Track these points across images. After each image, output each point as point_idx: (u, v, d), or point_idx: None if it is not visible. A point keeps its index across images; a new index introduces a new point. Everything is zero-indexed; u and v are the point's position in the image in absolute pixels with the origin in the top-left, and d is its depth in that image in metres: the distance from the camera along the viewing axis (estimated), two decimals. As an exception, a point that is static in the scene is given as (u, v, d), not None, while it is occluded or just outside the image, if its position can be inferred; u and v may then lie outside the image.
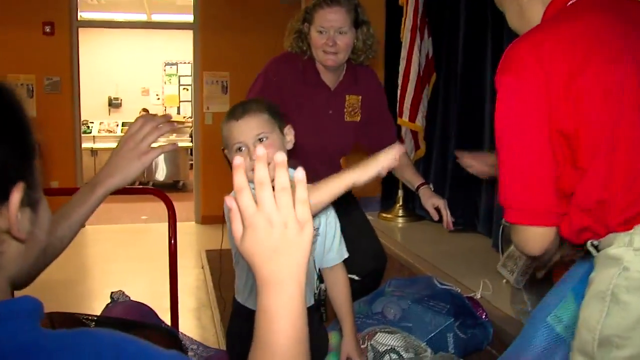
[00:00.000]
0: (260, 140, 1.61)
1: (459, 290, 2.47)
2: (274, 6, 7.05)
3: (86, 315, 2.07)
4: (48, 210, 0.85)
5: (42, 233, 0.82)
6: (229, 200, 0.80)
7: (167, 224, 2.61)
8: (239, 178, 0.78)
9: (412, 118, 4.07)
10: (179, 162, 9.32)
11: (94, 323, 2.04)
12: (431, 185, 2.45)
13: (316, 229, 1.73)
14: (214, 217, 6.84)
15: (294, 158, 2.21)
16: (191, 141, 8.48)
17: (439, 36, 4.14)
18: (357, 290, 2.44)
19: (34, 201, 0.78)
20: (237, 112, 1.65)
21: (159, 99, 11.72)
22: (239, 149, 1.62)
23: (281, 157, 0.77)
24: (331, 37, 2.20)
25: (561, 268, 2.40)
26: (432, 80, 4.17)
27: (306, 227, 0.79)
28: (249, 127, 1.62)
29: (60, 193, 2.59)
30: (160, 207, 6.97)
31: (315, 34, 2.24)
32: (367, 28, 2.32)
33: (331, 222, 1.79)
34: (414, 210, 4.46)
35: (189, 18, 7.38)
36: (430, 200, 2.27)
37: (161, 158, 9.17)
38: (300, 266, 0.80)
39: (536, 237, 1.27)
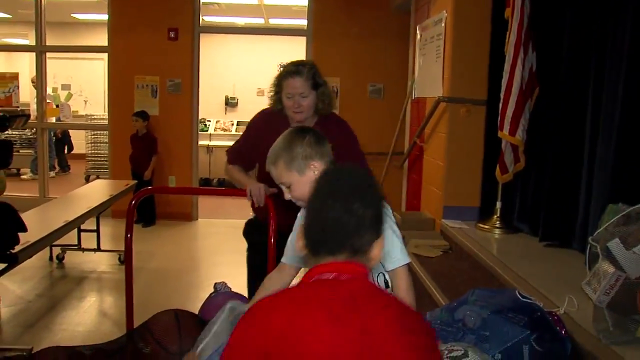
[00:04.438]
0: (287, 187, 2.06)
1: (541, 305, 2.52)
2: (384, 15, 7.22)
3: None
4: None
5: None
6: None
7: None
8: None
9: (512, 132, 4.08)
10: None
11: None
12: None
13: None
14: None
15: (278, 196, 2.61)
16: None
17: (543, 50, 4.13)
18: None
19: None
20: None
21: (273, 99, 12.14)
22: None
23: None
24: (297, 101, 2.78)
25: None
26: (535, 94, 4.17)
27: None
28: (275, 177, 2.10)
29: (178, 192, 2.89)
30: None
31: (285, 99, 2.82)
32: (323, 88, 2.86)
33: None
34: (512, 222, 4.48)
35: (304, 22, 7.68)
36: None
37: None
38: None
39: None
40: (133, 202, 2.84)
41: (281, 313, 1.28)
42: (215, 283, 2.74)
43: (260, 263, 2.95)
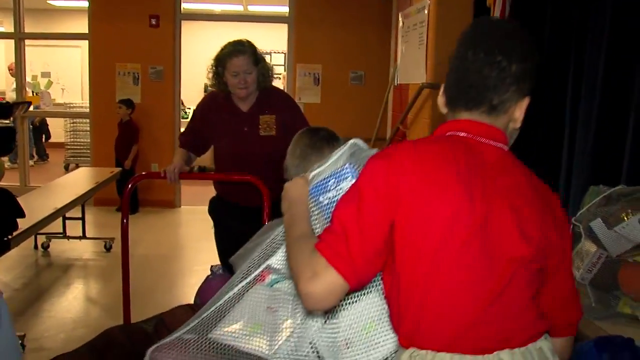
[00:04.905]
0: None
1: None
2: (366, 2, 7.28)
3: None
4: None
5: None
6: None
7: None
8: None
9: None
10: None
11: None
12: None
13: None
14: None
15: (235, 165, 3.02)
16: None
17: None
18: None
19: None
20: None
21: (251, 86, 12.12)
22: None
23: None
24: (242, 78, 2.97)
25: (630, 270, 2.51)
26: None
27: None
28: None
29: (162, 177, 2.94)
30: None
31: (230, 77, 2.99)
32: (263, 63, 3.11)
33: None
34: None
35: (283, 9, 7.71)
36: None
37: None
38: None
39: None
40: (130, 185, 2.87)
41: (415, 165, 1.26)
42: (212, 266, 2.79)
43: (227, 240, 3.16)
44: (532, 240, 1.26)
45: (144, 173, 2.99)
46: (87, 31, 7.34)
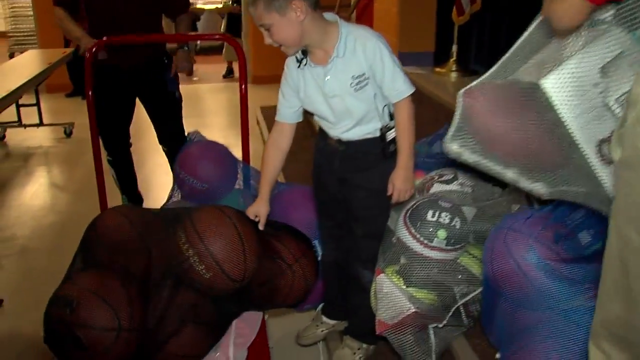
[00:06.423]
0: (267, 29, 1.78)
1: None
2: None
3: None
4: None
5: None
6: None
7: (215, 84, 2.72)
8: None
9: (469, -30, 3.99)
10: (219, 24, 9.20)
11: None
12: None
13: (361, 75, 1.82)
14: (266, 77, 6.97)
15: (112, 23, 3.00)
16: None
17: None
18: None
19: None
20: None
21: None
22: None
23: None
24: None
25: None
26: None
27: None
28: (255, 19, 1.80)
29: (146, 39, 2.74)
30: (210, 68, 6.99)
31: None
32: None
33: (374, 65, 1.83)
34: (469, 65, 4.46)
35: None
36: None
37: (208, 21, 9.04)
38: None
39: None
40: (94, 50, 2.65)
41: None
42: (189, 133, 2.66)
43: (106, 105, 3.17)
44: None
45: (105, 38, 2.73)
46: None
